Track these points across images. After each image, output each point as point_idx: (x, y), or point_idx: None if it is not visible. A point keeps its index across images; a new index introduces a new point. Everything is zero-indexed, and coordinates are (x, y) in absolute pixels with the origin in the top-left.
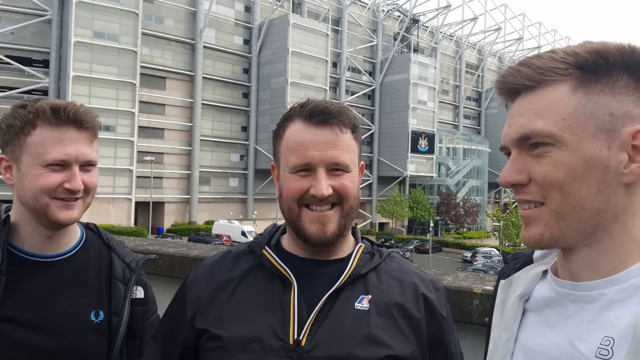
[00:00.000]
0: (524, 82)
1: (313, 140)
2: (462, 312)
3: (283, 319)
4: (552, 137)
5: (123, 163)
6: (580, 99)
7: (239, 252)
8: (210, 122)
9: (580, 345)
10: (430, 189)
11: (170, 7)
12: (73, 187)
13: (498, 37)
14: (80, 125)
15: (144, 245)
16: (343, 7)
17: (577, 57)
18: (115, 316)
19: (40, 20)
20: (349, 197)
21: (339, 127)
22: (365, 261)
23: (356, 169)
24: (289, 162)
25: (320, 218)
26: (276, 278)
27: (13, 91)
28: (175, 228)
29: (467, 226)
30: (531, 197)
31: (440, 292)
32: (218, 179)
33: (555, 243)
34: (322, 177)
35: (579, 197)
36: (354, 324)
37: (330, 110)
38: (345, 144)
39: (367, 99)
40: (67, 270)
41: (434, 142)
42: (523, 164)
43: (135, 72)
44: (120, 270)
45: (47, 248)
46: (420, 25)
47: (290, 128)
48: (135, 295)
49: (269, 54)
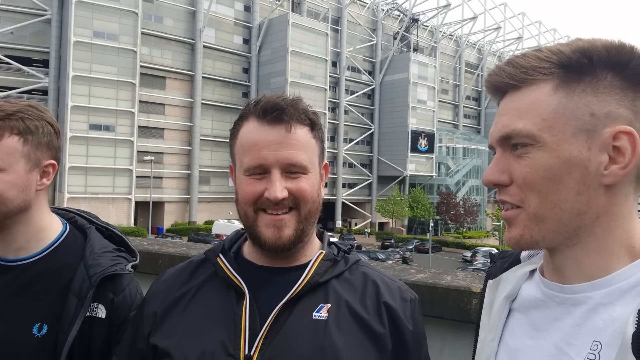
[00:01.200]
0: (507, 82)
1: (266, 140)
2: (461, 311)
3: (234, 333)
4: (532, 137)
5: (123, 163)
6: (561, 99)
7: (199, 262)
8: (210, 122)
9: (569, 350)
10: (430, 188)
11: (169, 7)
12: None
13: (498, 36)
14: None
15: (144, 245)
16: (342, 6)
17: (560, 55)
18: (62, 333)
19: (40, 20)
20: (306, 200)
21: (293, 124)
22: (326, 268)
23: (316, 170)
24: (243, 164)
25: (276, 222)
26: (231, 289)
27: (13, 91)
28: (175, 228)
29: (467, 226)
30: (510, 199)
31: (407, 302)
32: (218, 179)
33: (536, 244)
34: (276, 180)
35: (557, 199)
36: (311, 335)
37: (282, 106)
38: (302, 142)
39: (366, 99)
40: (21, 278)
41: (433, 142)
42: (506, 163)
43: (134, 71)
44: (78, 283)
45: (2, 251)
46: (419, 24)
47: (244, 127)
48: (96, 313)
49: (268, 53)
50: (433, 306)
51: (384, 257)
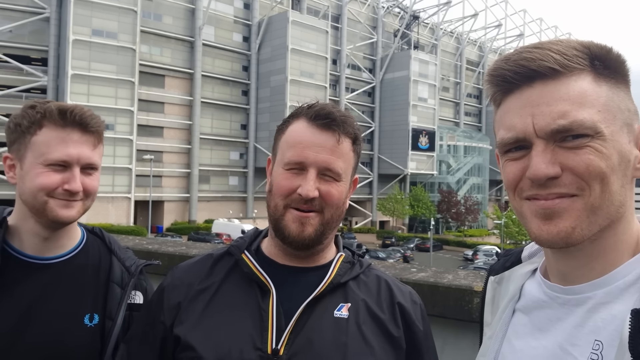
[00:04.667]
0: (554, 67)
1: (312, 141)
2: (463, 310)
3: (261, 328)
4: (593, 128)
5: (122, 162)
6: (607, 92)
7: (218, 256)
8: (210, 120)
9: (573, 350)
10: (431, 186)
11: (169, 5)
12: (72, 189)
13: (499, 33)
14: (85, 128)
15: (143, 245)
16: (343, 3)
17: (593, 50)
18: (110, 320)
19: (39, 18)
20: (332, 204)
21: (339, 135)
22: (346, 270)
23: (347, 180)
24: (284, 157)
25: (302, 218)
26: (254, 284)
27: (11, 89)
28: (174, 227)
29: (468, 224)
30: (566, 189)
31: (417, 305)
32: (218, 178)
33: (582, 238)
34: (311, 178)
35: (613, 190)
36: (333, 332)
37: (335, 116)
38: (342, 152)
39: (367, 97)
40: (63, 273)
41: (434, 140)
42: (554, 155)
43: (134, 70)
44: (118, 273)
45: (44, 250)
46: (420, 21)
47: (293, 125)
48: (134, 300)
49: (268, 51)
50: (434, 305)
51: (384, 255)
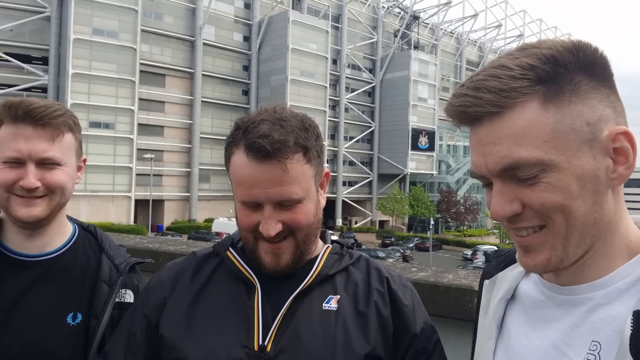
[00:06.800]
0: (489, 109)
1: (255, 178)
2: (463, 310)
3: (247, 325)
4: (541, 163)
5: (122, 161)
6: (555, 115)
7: (203, 255)
8: (210, 120)
9: (568, 350)
10: (431, 186)
11: (169, 4)
12: (24, 185)
13: (499, 33)
14: (35, 122)
15: (143, 243)
16: (343, 3)
17: (536, 70)
18: (94, 319)
19: (40, 17)
20: (301, 228)
21: (282, 161)
22: (334, 262)
23: (312, 194)
24: (237, 194)
25: (274, 250)
26: (240, 282)
27: (12, 88)
28: (175, 226)
29: (468, 224)
30: (530, 223)
31: (407, 289)
32: (218, 177)
33: (561, 264)
34: (268, 216)
35: (579, 215)
36: (322, 325)
37: (269, 145)
38: (294, 175)
39: (367, 96)
40: (50, 271)
41: (434, 140)
42: (512, 193)
43: (134, 69)
44: (107, 272)
45: (29, 247)
46: (420, 22)
47: (235, 157)
48: (124, 299)
49: (268, 50)
50: (435, 305)
51: (384, 255)
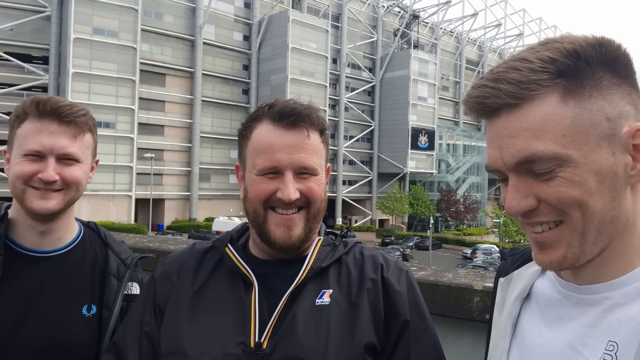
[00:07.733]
0: (507, 101)
1: (281, 143)
2: (463, 309)
3: (244, 322)
4: (558, 157)
5: (123, 160)
6: (574, 110)
7: (204, 249)
8: (210, 119)
9: (584, 349)
10: (431, 185)
11: (169, 3)
12: (44, 177)
13: (498, 33)
14: (60, 119)
15: (144, 242)
16: (343, 2)
17: (557, 64)
18: (107, 310)
19: (40, 17)
20: (315, 200)
21: (307, 130)
22: (326, 253)
23: (323, 172)
24: (255, 165)
25: (287, 222)
26: (238, 278)
27: (12, 88)
28: (175, 225)
29: (467, 223)
30: (546, 218)
31: (402, 272)
32: (218, 176)
33: (577, 262)
34: (289, 181)
35: (597, 211)
36: (315, 321)
37: (299, 112)
38: (313, 147)
39: (367, 96)
40: (62, 265)
41: (434, 139)
42: (528, 187)
43: (134, 68)
44: (115, 265)
45: (42, 243)
46: (420, 21)
47: (258, 129)
48: (131, 291)
49: (268, 50)
50: (434, 304)
51: None
